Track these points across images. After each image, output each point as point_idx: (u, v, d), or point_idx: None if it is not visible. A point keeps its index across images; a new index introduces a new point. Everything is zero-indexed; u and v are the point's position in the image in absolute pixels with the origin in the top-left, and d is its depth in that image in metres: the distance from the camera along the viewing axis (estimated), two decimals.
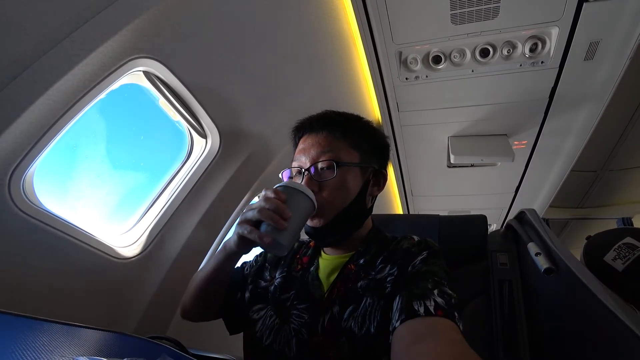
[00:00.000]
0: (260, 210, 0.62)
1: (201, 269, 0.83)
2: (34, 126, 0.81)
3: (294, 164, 0.80)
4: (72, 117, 0.89)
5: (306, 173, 0.75)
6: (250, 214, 0.63)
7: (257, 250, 0.93)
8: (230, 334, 0.86)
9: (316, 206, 0.69)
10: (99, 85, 0.91)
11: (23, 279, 0.90)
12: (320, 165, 0.75)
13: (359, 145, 0.79)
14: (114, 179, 1.26)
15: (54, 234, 0.92)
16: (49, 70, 0.79)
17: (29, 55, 0.77)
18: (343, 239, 0.79)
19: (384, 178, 0.84)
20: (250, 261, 0.93)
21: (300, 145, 0.81)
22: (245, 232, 0.63)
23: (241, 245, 0.68)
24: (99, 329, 0.66)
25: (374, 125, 0.86)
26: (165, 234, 1.24)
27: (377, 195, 0.84)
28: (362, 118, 0.86)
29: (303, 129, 0.84)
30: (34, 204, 0.88)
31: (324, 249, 0.84)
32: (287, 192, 0.66)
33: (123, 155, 1.30)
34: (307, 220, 0.70)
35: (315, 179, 0.75)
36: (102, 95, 0.97)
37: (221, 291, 0.83)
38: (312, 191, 0.72)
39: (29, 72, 0.77)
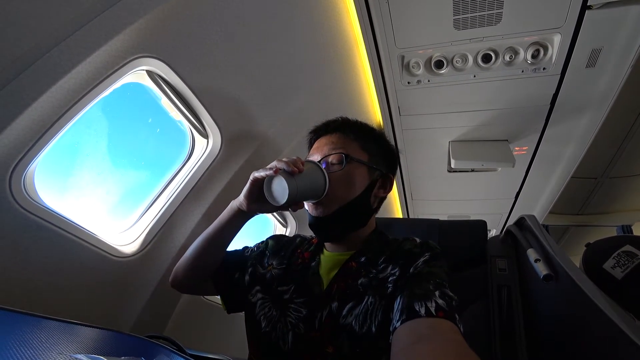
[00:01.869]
0: (279, 160, 0.70)
1: (204, 232, 0.86)
2: (36, 123, 0.81)
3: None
4: (75, 115, 0.90)
5: None
6: (268, 165, 0.71)
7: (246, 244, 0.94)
8: (228, 313, 0.89)
9: (327, 187, 0.73)
10: (102, 84, 0.91)
11: (22, 275, 0.90)
12: (330, 159, 0.78)
13: (369, 147, 0.83)
14: (114, 177, 1.26)
15: (53, 231, 0.92)
16: (53, 68, 0.80)
17: (33, 52, 0.77)
18: (345, 234, 0.80)
19: (390, 182, 0.86)
20: (252, 246, 0.95)
21: (315, 145, 0.85)
22: (258, 173, 0.71)
23: (250, 194, 0.75)
24: (97, 327, 0.66)
25: (385, 136, 0.90)
26: (165, 232, 1.24)
27: (383, 198, 0.86)
28: (375, 128, 0.90)
29: (318, 131, 0.88)
30: (34, 201, 0.88)
31: (326, 245, 0.85)
32: (306, 163, 0.73)
33: (124, 154, 1.30)
34: (314, 195, 0.73)
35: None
36: (105, 94, 0.97)
37: (220, 253, 0.87)
38: None
39: (33, 70, 0.77)
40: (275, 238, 0.94)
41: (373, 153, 0.83)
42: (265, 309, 0.77)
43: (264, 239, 0.95)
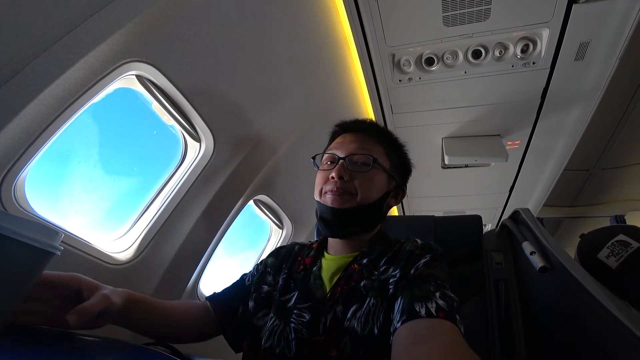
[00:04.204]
0: None
1: None
2: (25, 131, 0.80)
3: (327, 153, 0.84)
4: (64, 122, 0.88)
5: (340, 161, 0.78)
6: None
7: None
8: (236, 352, 0.85)
9: (54, 248, 0.49)
10: (91, 90, 0.90)
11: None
12: (356, 158, 0.79)
13: (391, 155, 0.85)
14: (107, 184, 1.25)
15: None
16: (41, 74, 0.79)
17: (20, 59, 0.76)
18: (353, 234, 0.80)
19: (402, 194, 0.89)
20: (250, 271, 0.92)
21: (339, 140, 0.85)
22: None
23: None
24: (93, 336, 0.65)
25: (405, 147, 0.92)
26: (160, 238, 1.23)
27: (391, 207, 0.88)
28: (396, 137, 0.92)
29: (345, 127, 0.89)
30: (25, 210, 0.87)
31: (328, 250, 0.85)
32: None
33: (116, 160, 1.28)
34: (35, 274, 0.49)
35: (349, 168, 0.79)
36: (95, 100, 0.96)
37: (168, 319, 0.78)
38: (342, 179, 0.76)
39: (20, 77, 0.76)
40: (274, 254, 0.92)
41: (394, 162, 0.85)
42: (268, 324, 0.75)
43: (262, 259, 0.93)
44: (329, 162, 0.83)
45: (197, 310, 0.85)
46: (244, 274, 0.92)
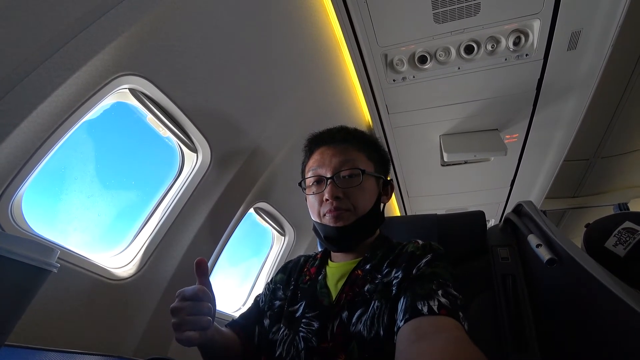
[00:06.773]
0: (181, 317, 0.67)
1: None
2: (20, 149, 0.79)
3: (310, 174, 0.84)
4: (59, 139, 0.88)
5: (329, 181, 0.79)
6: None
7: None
8: None
9: (50, 266, 0.51)
10: (84, 105, 0.90)
11: None
12: (343, 173, 0.79)
13: (373, 157, 0.85)
14: (105, 199, 1.24)
15: None
16: (33, 92, 0.78)
17: (11, 78, 0.76)
18: (359, 243, 0.81)
19: (391, 188, 0.90)
20: (262, 292, 0.93)
21: (317, 157, 0.84)
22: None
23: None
24: (98, 354, 0.64)
25: (379, 141, 0.92)
26: (161, 252, 1.22)
27: (385, 204, 0.88)
28: (369, 134, 0.91)
29: (321, 140, 0.87)
30: (23, 230, 0.86)
31: (332, 258, 0.86)
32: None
33: (114, 175, 1.28)
34: (32, 293, 0.50)
35: (339, 185, 0.78)
36: (89, 115, 0.95)
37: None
38: (337, 197, 0.77)
39: (12, 95, 0.76)
40: (282, 269, 0.94)
41: (376, 162, 0.86)
42: (278, 335, 0.76)
43: (271, 278, 0.94)
44: (315, 183, 0.83)
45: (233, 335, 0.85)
46: (258, 295, 0.93)
